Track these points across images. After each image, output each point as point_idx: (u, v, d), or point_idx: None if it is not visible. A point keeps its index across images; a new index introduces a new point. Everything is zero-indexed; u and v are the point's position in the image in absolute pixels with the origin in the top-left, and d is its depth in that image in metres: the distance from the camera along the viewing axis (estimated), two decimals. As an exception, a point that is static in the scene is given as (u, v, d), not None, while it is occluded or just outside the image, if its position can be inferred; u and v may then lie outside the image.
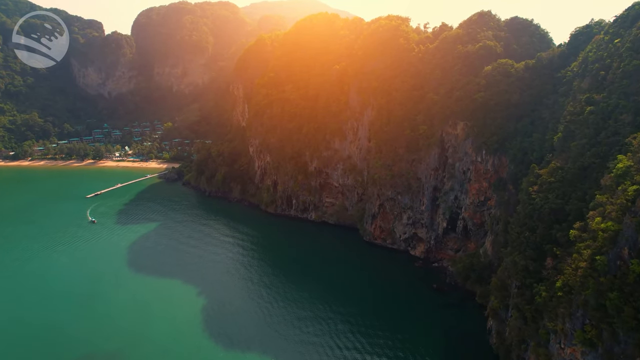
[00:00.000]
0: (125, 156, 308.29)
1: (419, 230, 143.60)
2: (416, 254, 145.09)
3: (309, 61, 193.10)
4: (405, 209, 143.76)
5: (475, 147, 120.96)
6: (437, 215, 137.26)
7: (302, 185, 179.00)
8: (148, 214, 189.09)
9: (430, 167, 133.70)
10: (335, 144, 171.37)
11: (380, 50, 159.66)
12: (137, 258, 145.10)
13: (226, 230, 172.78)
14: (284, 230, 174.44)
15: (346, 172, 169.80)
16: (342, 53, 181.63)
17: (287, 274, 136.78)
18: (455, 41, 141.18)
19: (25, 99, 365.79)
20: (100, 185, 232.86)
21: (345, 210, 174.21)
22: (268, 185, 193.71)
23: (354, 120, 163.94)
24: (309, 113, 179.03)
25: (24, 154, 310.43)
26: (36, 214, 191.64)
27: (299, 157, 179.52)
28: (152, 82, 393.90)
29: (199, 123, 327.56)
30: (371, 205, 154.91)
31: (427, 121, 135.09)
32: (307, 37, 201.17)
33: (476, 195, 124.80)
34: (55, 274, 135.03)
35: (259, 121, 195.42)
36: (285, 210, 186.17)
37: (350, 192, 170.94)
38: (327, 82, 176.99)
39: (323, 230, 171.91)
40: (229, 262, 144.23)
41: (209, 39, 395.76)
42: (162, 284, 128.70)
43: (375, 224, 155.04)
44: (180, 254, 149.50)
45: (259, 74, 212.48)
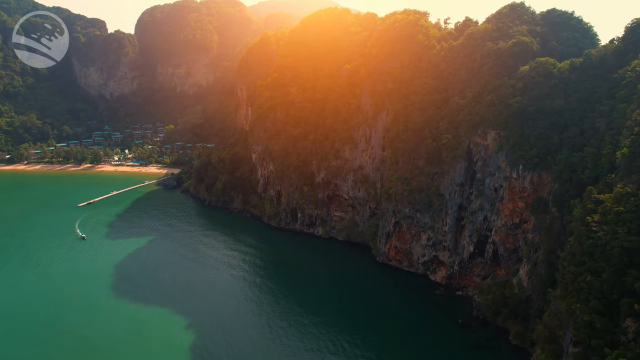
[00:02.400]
0: (124, 160, 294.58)
1: (440, 253, 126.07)
2: (436, 280, 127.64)
3: (317, 61, 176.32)
4: (425, 228, 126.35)
5: (509, 160, 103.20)
6: (462, 238, 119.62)
7: (308, 197, 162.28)
8: (141, 228, 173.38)
9: (455, 182, 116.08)
10: (345, 152, 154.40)
11: (396, 48, 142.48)
12: (121, 282, 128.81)
13: (225, 247, 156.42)
14: (289, 247, 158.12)
15: (357, 184, 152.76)
16: (354, 51, 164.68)
17: (294, 299, 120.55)
18: (483, 37, 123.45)
19: (24, 99, 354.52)
20: (94, 193, 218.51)
21: (356, 226, 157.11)
22: (271, 196, 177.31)
23: (367, 126, 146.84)
24: (316, 118, 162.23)
25: (20, 158, 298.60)
26: (20, 226, 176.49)
27: (305, 167, 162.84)
28: (155, 82, 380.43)
29: (201, 126, 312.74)
30: (385, 223, 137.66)
31: (452, 129, 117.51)
32: (315, 35, 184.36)
33: (509, 216, 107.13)
34: (20, 302, 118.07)
35: (261, 126, 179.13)
36: (290, 224, 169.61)
37: (361, 206, 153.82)
38: (336, 83, 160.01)
39: (331, 248, 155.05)
40: (227, 288, 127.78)
41: (213, 38, 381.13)
42: (146, 315, 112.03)
43: (390, 243, 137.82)
44: (172, 276, 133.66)
45: (262, 75, 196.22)
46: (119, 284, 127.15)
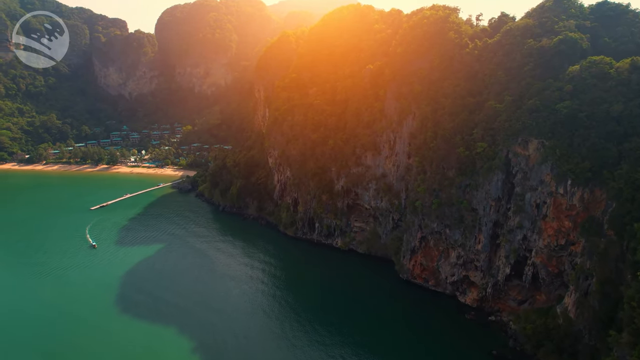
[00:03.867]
0: (140, 161, 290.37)
1: (471, 273, 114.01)
2: (467, 302, 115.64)
3: (337, 60, 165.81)
4: (455, 246, 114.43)
5: (555, 174, 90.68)
6: (497, 258, 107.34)
7: (327, 206, 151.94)
8: (152, 235, 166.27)
9: (491, 196, 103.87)
10: (367, 159, 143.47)
11: (424, 47, 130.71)
12: (132, 294, 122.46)
13: (240, 257, 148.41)
14: (307, 259, 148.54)
15: (379, 194, 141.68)
16: (377, 51, 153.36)
17: (315, 316, 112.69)
18: (524, 34, 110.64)
19: (45, 99, 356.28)
20: (108, 195, 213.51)
21: (378, 238, 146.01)
22: (288, 203, 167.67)
23: (391, 131, 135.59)
24: (336, 122, 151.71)
25: (39, 158, 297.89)
26: (30, 231, 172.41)
27: (324, 174, 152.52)
28: (174, 82, 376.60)
29: (219, 127, 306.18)
30: (410, 237, 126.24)
31: (487, 137, 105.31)
32: (336, 33, 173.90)
33: (554, 236, 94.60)
34: (19, 316, 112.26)
35: (278, 129, 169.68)
36: (307, 234, 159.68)
37: (384, 217, 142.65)
38: (358, 85, 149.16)
39: (351, 261, 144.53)
40: (244, 301, 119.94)
41: (232, 37, 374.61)
42: (150, 332, 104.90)
43: (415, 260, 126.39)
44: (186, 287, 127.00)
45: (280, 75, 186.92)
46: (130, 295, 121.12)
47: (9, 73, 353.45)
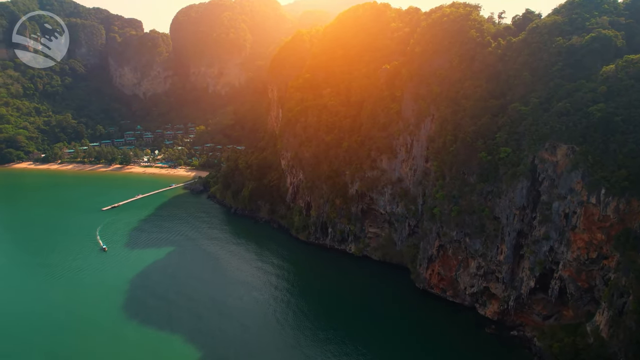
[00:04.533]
0: (153, 161, 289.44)
1: (492, 284, 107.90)
2: (487, 315, 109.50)
3: (353, 60, 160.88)
4: (475, 255, 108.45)
5: (587, 182, 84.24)
6: (520, 269, 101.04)
7: (340, 210, 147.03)
8: (163, 237, 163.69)
9: (515, 204, 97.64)
10: (382, 162, 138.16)
11: (444, 46, 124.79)
12: (139, 296, 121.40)
13: (252, 262, 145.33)
14: (319, 265, 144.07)
15: (395, 199, 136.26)
16: (394, 50, 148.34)
17: (329, 325, 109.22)
18: (551, 32, 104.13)
19: (61, 99, 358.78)
20: (120, 196, 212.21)
21: (393, 245, 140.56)
22: (300, 207, 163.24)
23: (408, 134, 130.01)
24: (351, 123, 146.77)
25: (54, 157, 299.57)
26: (42, 231, 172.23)
27: (338, 177, 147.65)
28: (188, 82, 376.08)
29: (232, 127, 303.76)
30: (427, 245, 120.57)
31: (512, 141, 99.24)
32: (351, 32, 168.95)
33: (584, 249, 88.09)
34: (28, 317, 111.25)
35: (291, 131, 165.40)
36: (320, 239, 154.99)
37: (399, 222, 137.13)
38: (374, 85, 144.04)
39: (365, 268, 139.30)
40: (256, 308, 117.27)
41: (247, 37, 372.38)
42: (160, 338, 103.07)
43: (432, 269, 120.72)
44: (193, 292, 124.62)
45: (294, 75, 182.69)
46: (140, 299, 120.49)
47: (27, 73, 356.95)
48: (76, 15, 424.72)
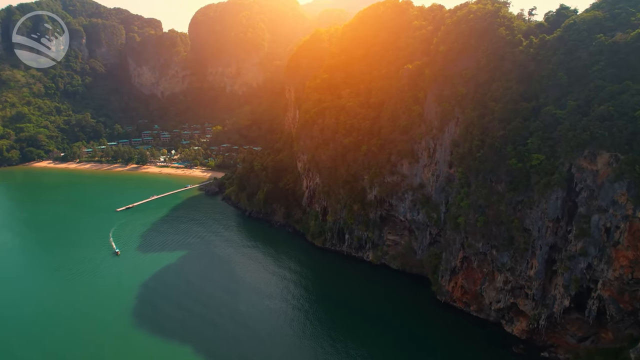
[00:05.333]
0: (169, 161, 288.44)
1: (520, 301, 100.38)
2: (514, 332, 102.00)
3: (373, 60, 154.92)
4: (502, 269, 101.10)
5: (634, 194, 76.42)
6: (553, 286, 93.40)
7: (358, 216, 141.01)
8: (176, 238, 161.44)
9: (548, 216, 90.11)
10: (403, 167, 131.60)
11: (470, 45, 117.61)
12: (152, 302, 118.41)
13: (267, 267, 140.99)
14: (336, 273, 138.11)
15: (416, 205, 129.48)
16: (417, 49, 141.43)
17: (349, 336, 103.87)
18: (591, 28, 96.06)
19: (81, 98, 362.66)
20: (135, 196, 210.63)
21: (413, 254, 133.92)
22: (316, 212, 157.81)
23: (431, 138, 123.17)
24: (371, 126, 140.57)
25: (73, 156, 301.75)
26: (55, 232, 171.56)
27: (356, 182, 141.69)
28: (205, 82, 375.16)
29: (249, 127, 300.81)
30: (450, 256, 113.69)
31: (545, 148, 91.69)
32: (371, 30, 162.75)
33: (628, 267, 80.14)
34: (36, 322, 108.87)
35: (308, 133, 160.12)
36: (336, 246, 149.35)
37: (420, 230, 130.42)
38: (395, 86, 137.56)
39: (383, 277, 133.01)
40: (273, 316, 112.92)
41: (264, 37, 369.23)
42: (165, 346, 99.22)
43: (455, 281, 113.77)
44: (208, 298, 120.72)
45: (312, 75, 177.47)
46: (155, 304, 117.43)
47: (49, 72, 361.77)
48: (97, 15, 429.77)
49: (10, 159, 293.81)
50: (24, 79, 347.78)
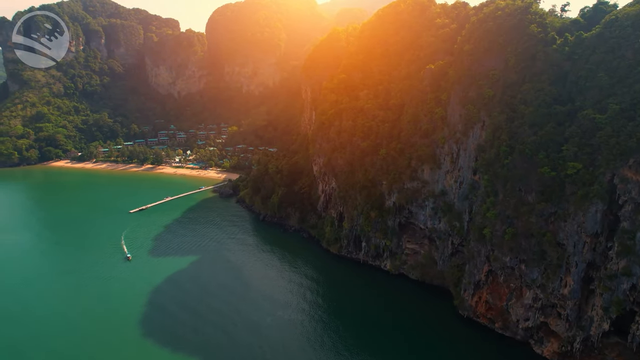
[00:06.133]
0: (184, 162, 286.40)
1: (552, 320, 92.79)
2: (544, 354, 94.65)
3: (392, 59, 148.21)
4: (532, 285, 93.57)
5: (686, 210, 68.31)
6: (590, 307, 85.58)
7: (376, 224, 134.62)
8: (189, 241, 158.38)
9: (586, 230, 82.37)
10: (424, 173, 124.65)
11: (498, 44, 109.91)
12: (164, 308, 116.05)
13: (282, 273, 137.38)
14: (352, 282, 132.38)
15: (437, 213, 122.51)
16: (439, 48, 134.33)
17: (365, 352, 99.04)
18: (635, 24, 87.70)
19: (99, 98, 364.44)
20: (148, 197, 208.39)
21: (433, 264, 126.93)
22: (332, 217, 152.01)
23: (454, 142, 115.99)
24: (390, 129, 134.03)
25: (90, 156, 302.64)
26: (70, 233, 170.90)
27: (373, 187, 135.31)
28: (222, 82, 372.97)
29: (265, 128, 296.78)
30: (474, 269, 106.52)
31: (583, 156, 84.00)
32: (391, 29, 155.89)
33: (678, 290, 71.98)
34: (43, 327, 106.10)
35: (324, 135, 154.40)
36: (352, 253, 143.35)
37: (441, 240, 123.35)
38: (416, 87, 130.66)
39: (401, 288, 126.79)
40: (290, 327, 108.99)
41: (281, 36, 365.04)
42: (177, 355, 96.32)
43: (479, 296, 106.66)
44: (217, 305, 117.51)
45: (328, 75, 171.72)
46: (166, 310, 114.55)
47: (68, 72, 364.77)
48: (116, 16, 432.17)
49: (29, 158, 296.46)
50: (44, 79, 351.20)
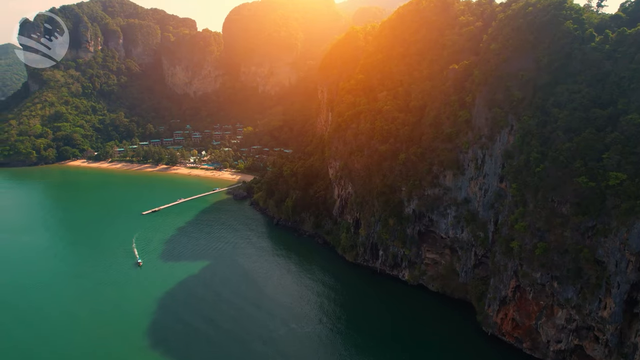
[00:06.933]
0: (199, 162, 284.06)
1: (588, 344, 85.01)
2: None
3: (413, 59, 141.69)
4: (566, 305, 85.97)
5: None
6: (633, 333, 77.68)
7: (394, 232, 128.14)
8: (201, 245, 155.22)
9: (630, 248, 74.54)
10: (446, 179, 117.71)
11: (529, 42, 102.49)
12: (178, 317, 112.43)
13: (297, 280, 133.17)
14: (369, 292, 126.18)
15: (460, 222, 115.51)
16: (463, 47, 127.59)
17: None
18: (686, 21, 79.57)
19: (116, 98, 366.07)
20: (162, 198, 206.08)
21: (455, 276, 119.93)
22: (348, 223, 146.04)
23: (479, 147, 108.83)
24: (410, 132, 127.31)
25: (106, 155, 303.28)
26: (84, 234, 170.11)
27: (392, 193, 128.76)
28: (238, 82, 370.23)
29: (280, 129, 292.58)
30: (500, 284, 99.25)
31: (627, 165, 76.30)
32: (412, 27, 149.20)
33: None
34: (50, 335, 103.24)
35: (341, 138, 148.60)
36: (369, 262, 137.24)
37: (464, 250, 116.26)
38: (438, 89, 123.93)
39: (421, 300, 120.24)
40: (304, 341, 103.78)
41: (298, 36, 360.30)
42: None
43: (504, 312, 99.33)
44: (231, 313, 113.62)
45: (346, 76, 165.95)
46: (181, 319, 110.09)
47: (87, 72, 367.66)
48: (134, 16, 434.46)
49: (47, 158, 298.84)
50: (63, 78, 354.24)
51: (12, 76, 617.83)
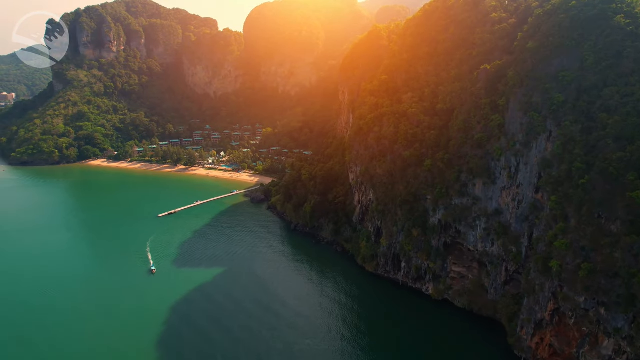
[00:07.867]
0: (217, 164, 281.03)
1: (639, 378, 75.53)
2: (627, 417, 77.32)
3: (441, 59, 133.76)
4: (614, 334, 76.77)
5: None
6: (694, 370, 68.19)
7: (418, 243, 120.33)
8: (217, 249, 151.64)
9: (693, 274, 65.27)
10: (475, 188, 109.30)
11: (572, 40, 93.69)
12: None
13: (316, 289, 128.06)
14: (390, 306, 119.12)
15: (490, 235, 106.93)
16: (495, 46, 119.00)
17: None
18: None
19: (137, 97, 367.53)
20: (178, 200, 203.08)
21: (483, 292, 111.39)
22: (368, 232, 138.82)
23: (513, 154, 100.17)
24: (437, 137, 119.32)
25: (125, 155, 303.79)
26: (99, 237, 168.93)
27: (416, 202, 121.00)
28: (258, 82, 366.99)
29: (300, 130, 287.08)
30: (536, 305, 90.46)
31: (690, 179, 66.80)
32: (439, 25, 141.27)
33: None
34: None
35: (362, 142, 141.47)
36: (390, 273, 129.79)
37: (494, 265, 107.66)
38: (468, 91, 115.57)
39: (446, 317, 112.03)
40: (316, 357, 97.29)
41: (319, 35, 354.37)
42: None
43: (540, 336, 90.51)
44: (251, 325, 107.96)
45: (368, 76, 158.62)
46: (201, 327, 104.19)
47: (109, 72, 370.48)
48: (157, 16, 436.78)
49: (69, 157, 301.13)
50: (86, 78, 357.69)
51: (40, 76, 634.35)
